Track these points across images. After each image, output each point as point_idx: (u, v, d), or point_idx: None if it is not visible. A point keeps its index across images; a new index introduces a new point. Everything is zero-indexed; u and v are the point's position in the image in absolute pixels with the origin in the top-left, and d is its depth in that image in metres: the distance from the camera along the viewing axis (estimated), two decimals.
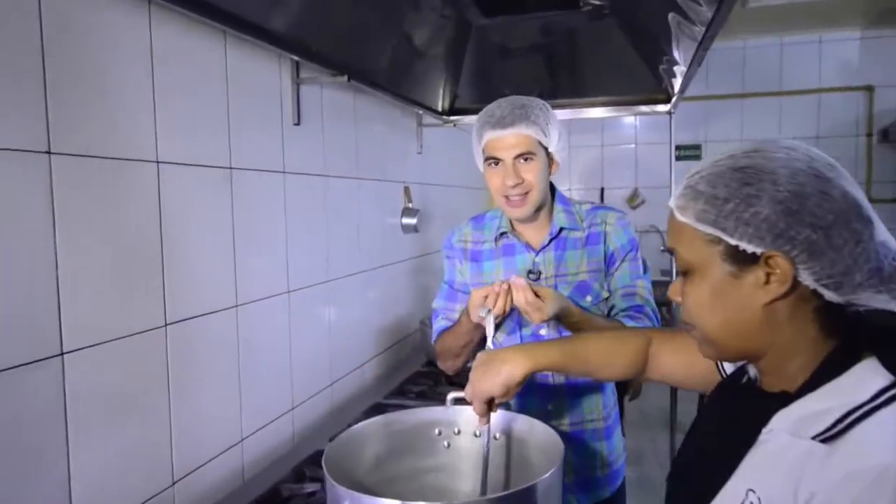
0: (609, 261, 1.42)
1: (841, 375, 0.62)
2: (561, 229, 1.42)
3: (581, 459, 1.40)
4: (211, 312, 1.49)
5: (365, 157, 2.36)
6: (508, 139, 1.32)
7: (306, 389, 1.94)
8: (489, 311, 1.13)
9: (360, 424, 0.99)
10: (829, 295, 0.63)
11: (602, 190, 5.20)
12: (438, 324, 1.53)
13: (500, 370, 0.93)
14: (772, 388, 0.69)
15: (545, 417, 1.39)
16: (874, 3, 4.01)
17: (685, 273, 0.70)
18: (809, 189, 0.62)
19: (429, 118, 2.94)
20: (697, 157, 5.03)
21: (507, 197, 1.35)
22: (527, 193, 1.34)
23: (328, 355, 2.08)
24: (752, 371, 0.76)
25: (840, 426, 0.58)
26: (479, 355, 0.98)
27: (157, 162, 1.31)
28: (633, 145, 5.18)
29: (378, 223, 2.51)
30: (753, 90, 4.82)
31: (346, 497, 0.75)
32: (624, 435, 2.82)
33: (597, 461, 1.41)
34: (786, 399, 0.64)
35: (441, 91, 2.85)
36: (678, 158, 4.82)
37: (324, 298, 2.05)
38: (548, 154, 1.38)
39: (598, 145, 5.19)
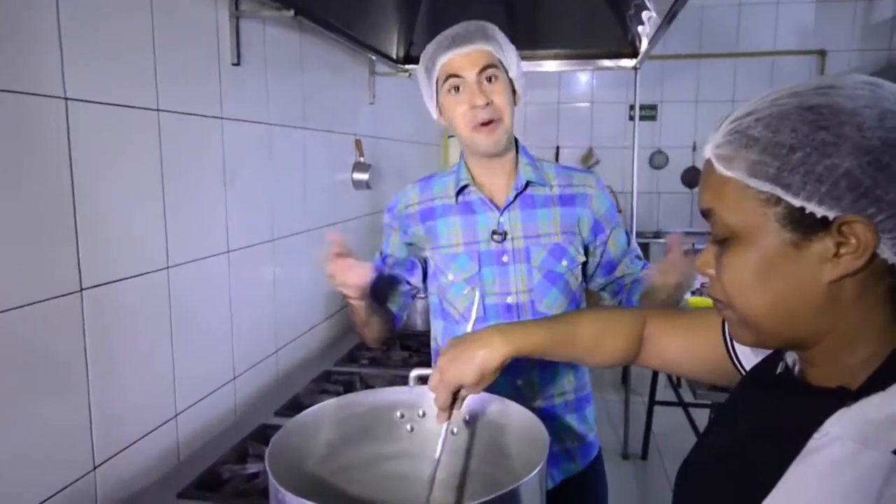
0: (596, 228, 1.31)
1: None
2: (528, 183, 1.29)
3: (550, 434, 1.30)
4: (137, 275, 1.31)
5: (313, 106, 2.16)
6: (468, 55, 1.20)
7: (249, 357, 1.79)
8: (473, 288, 0.99)
9: (309, 410, 0.85)
10: None
11: (557, 149, 5.11)
12: None
13: (474, 355, 0.80)
14: (823, 383, 0.57)
15: (516, 395, 1.28)
16: None
17: (723, 241, 0.57)
18: None
19: (382, 66, 2.75)
20: (653, 118, 4.98)
21: (473, 126, 1.21)
22: (498, 121, 1.21)
23: (273, 320, 1.93)
24: (789, 359, 0.64)
25: None
26: (451, 339, 0.85)
27: (65, 98, 1.11)
28: (588, 104, 5.09)
29: (327, 178, 2.33)
30: (710, 51, 4.78)
31: None
32: None
33: (567, 434, 1.33)
34: (844, 397, 0.53)
35: (395, 37, 2.66)
36: (642, 118, 4.76)
37: (268, 259, 1.89)
38: (510, 80, 1.25)
39: (554, 102, 5.08)
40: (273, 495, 0.68)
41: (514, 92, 1.26)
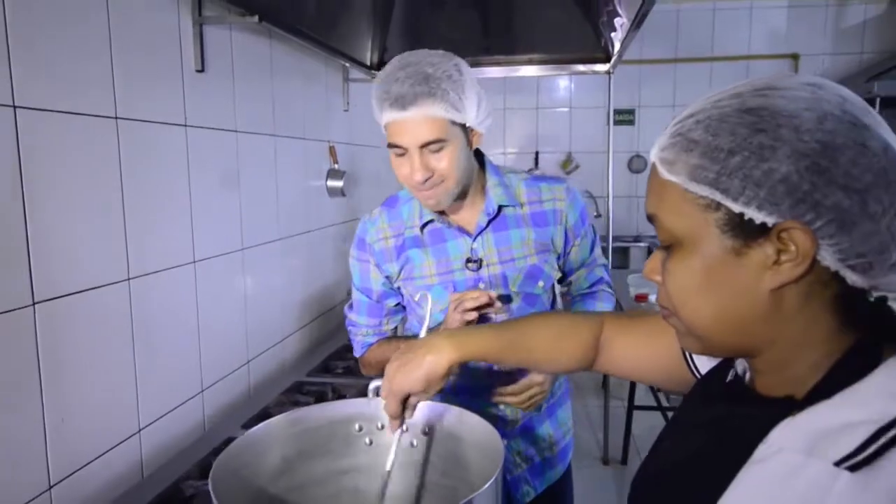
0: (566, 239, 1.27)
1: (864, 378, 0.49)
2: (500, 207, 1.20)
3: (530, 447, 1.29)
4: (95, 287, 1.27)
5: (283, 113, 2.14)
6: (410, 125, 1.05)
7: (218, 369, 1.75)
8: (425, 294, 0.96)
9: (257, 428, 0.83)
10: (854, 279, 0.49)
11: (536, 154, 5.11)
12: (365, 339, 1.32)
13: (422, 361, 0.78)
14: (771, 391, 0.56)
15: (500, 410, 1.26)
16: None
17: (668, 247, 0.56)
18: (842, 139, 0.47)
19: (356, 73, 2.73)
20: (631, 123, 5.01)
21: (415, 188, 1.12)
22: (440, 183, 1.10)
23: (243, 331, 1.89)
24: (739, 367, 0.63)
25: (872, 448, 0.45)
26: (400, 346, 0.83)
27: (14, 106, 1.07)
28: (567, 109, 5.10)
29: (300, 185, 2.30)
30: (686, 55, 4.81)
31: None
32: None
33: (545, 443, 1.31)
34: (790, 406, 0.51)
35: (369, 43, 2.64)
36: (617, 123, 4.79)
37: (237, 268, 1.85)
38: (465, 129, 1.11)
39: (533, 108, 5.08)
40: None
41: (471, 132, 1.14)
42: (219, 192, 1.74)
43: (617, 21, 2.18)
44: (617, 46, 2.42)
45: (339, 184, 2.55)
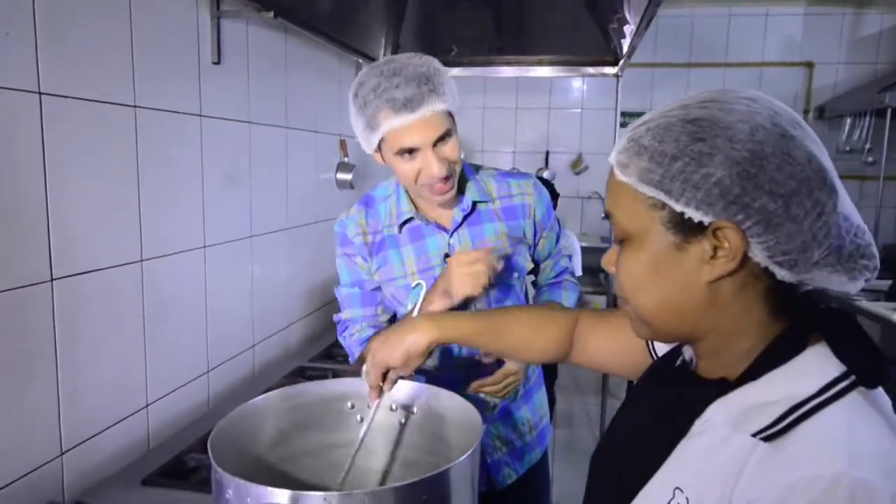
0: (534, 231, 1.32)
1: (788, 362, 0.55)
2: (474, 204, 1.25)
3: (510, 431, 1.34)
4: (110, 267, 1.34)
5: (296, 106, 2.20)
6: (423, 124, 1.07)
7: (224, 351, 1.82)
8: (420, 283, 1.02)
9: (254, 400, 0.89)
10: (782, 273, 0.55)
11: (547, 154, 5.15)
12: (362, 334, 1.30)
13: (403, 339, 0.85)
14: (709, 375, 0.62)
15: (480, 397, 1.31)
16: None
17: (622, 241, 0.62)
18: (770, 149, 0.53)
19: None
20: None
21: (429, 185, 1.14)
22: (453, 173, 1.15)
23: (250, 316, 1.96)
24: (687, 353, 0.69)
25: (784, 423, 0.51)
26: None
27: (39, 93, 1.14)
28: (579, 110, 5.13)
29: (310, 177, 2.36)
30: (700, 60, 4.82)
31: (231, 485, 0.66)
32: (554, 398, 2.81)
33: (525, 427, 1.37)
34: (724, 387, 0.57)
35: (382, 40, 2.69)
36: (623, 125, 4.82)
37: (246, 255, 1.92)
38: (453, 118, 1.16)
39: (545, 108, 5.12)
40: (213, 477, 0.71)
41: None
42: (230, 181, 1.81)
43: (627, 28, 2.22)
44: (626, 49, 2.46)
45: (348, 177, 2.61)
